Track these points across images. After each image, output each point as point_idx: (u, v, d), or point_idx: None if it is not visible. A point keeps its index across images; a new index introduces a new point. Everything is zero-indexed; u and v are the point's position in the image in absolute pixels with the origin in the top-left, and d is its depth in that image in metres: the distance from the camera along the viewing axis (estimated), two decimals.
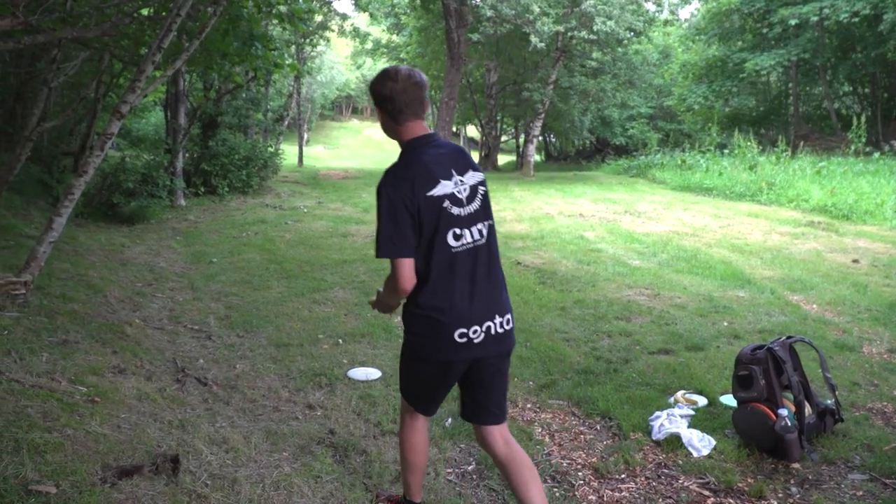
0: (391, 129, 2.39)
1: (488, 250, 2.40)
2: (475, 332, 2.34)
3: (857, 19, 24.90)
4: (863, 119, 18.89)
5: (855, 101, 32.25)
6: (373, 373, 4.45)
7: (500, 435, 2.56)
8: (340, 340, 5.11)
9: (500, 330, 2.41)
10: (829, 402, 3.68)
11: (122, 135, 17.50)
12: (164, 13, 6.54)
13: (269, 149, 16.90)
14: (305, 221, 11.15)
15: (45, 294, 5.12)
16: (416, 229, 2.23)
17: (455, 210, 2.29)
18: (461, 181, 2.34)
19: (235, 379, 4.24)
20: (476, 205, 2.36)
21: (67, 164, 11.62)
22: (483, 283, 2.37)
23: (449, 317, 2.31)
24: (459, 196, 2.31)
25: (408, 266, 2.23)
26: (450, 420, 3.74)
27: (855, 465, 3.32)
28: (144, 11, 7.59)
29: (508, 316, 2.47)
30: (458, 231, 2.29)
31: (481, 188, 2.41)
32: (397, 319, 5.66)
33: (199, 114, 13.60)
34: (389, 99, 2.28)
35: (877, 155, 17.74)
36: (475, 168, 2.43)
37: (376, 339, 5.15)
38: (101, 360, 4.00)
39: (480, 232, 2.36)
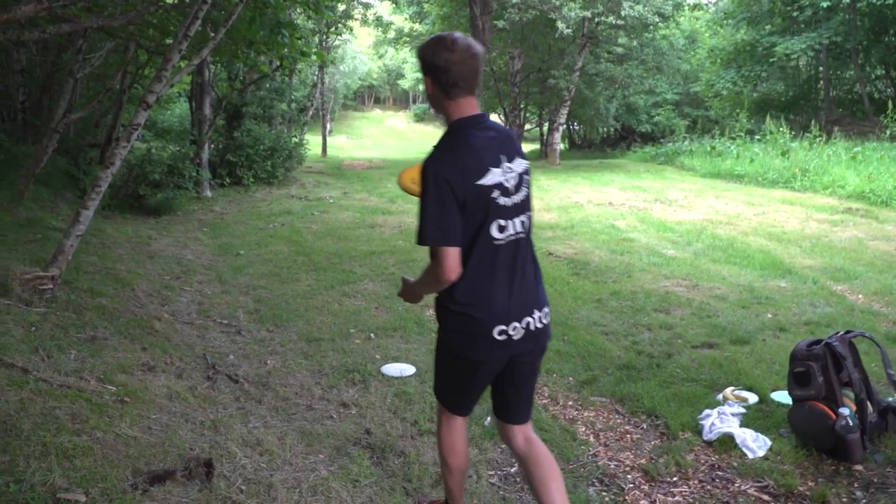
0: (439, 104, 2.18)
1: (528, 242, 2.26)
2: (514, 328, 2.20)
3: (890, 1, 24.22)
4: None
5: (888, 85, 31.45)
6: (407, 369, 4.32)
7: (520, 432, 2.44)
8: (372, 335, 4.99)
9: (538, 325, 2.28)
10: (890, 399, 3.49)
11: (147, 126, 17.50)
12: (189, 1, 6.43)
13: (294, 139, 16.82)
14: (332, 212, 11.05)
15: (73, 288, 5.05)
16: (462, 216, 2.06)
17: (502, 200, 2.12)
18: (509, 168, 2.16)
19: (267, 376, 4.13)
20: (521, 195, 2.20)
21: (94, 156, 11.60)
22: (522, 276, 2.23)
23: (488, 313, 2.16)
24: (507, 185, 2.13)
25: (454, 256, 2.05)
26: (489, 419, 3.59)
27: None
28: (170, 0, 7.50)
29: (546, 309, 2.34)
30: (502, 222, 2.13)
31: (526, 177, 2.24)
32: (430, 312, 5.54)
33: (224, 104, 13.54)
34: (444, 70, 2.07)
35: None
36: (522, 155, 2.25)
37: (409, 334, 5.03)
38: (130, 358, 3.90)
39: (523, 223, 2.21)
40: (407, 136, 53.87)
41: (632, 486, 3.04)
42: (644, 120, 31.53)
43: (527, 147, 36.52)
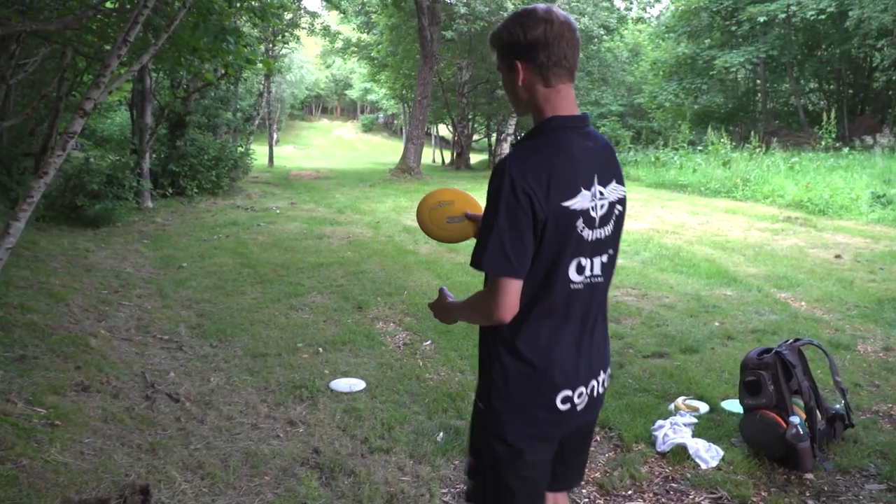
0: (531, 95, 1.66)
1: (605, 289, 1.77)
2: (580, 395, 1.73)
3: (823, 17, 25.22)
4: (832, 115, 19.06)
5: (821, 98, 32.70)
6: (357, 384, 4.21)
7: (553, 499, 1.99)
8: (321, 349, 4.85)
9: (601, 390, 1.84)
10: (837, 406, 3.53)
11: (86, 135, 16.96)
12: (129, 6, 6.22)
13: (240, 149, 16.53)
14: (278, 223, 10.84)
15: (2, 304, 4.78)
16: (535, 240, 1.56)
17: (586, 233, 1.64)
18: (601, 194, 1.67)
19: (210, 394, 3.96)
20: (608, 229, 1.71)
21: (28, 166, 11.14)
22: (593, 330, 1.76)
23: (553, 374, 1.68)
24: (593, 214, 1.65)
25: (516, 291, 1.56)
26: (441, 434, 3.51)
27: (871, 474, 3.16)
28: (109, 4, 7.24)
29: (610, 370, 1.91)
30: (583, 261, 1.65)
31: (618, 208, 1.74)
32: (380, 324, 5.44)
33: (166, 113, 13.19)
34: (543, 45, 1.60)
35: (846, 150, 17.89)
36: (620, 179, 1.76)
37: (358, 347, 4.91)
38: (62, 377, 3.70)
39: (603, 265, 1.72)
40: (355, 147, 53.65)
41: (587, 500, 2.99)
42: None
43: (475, 158, 36.78)
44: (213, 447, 3.25)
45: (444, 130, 43.89)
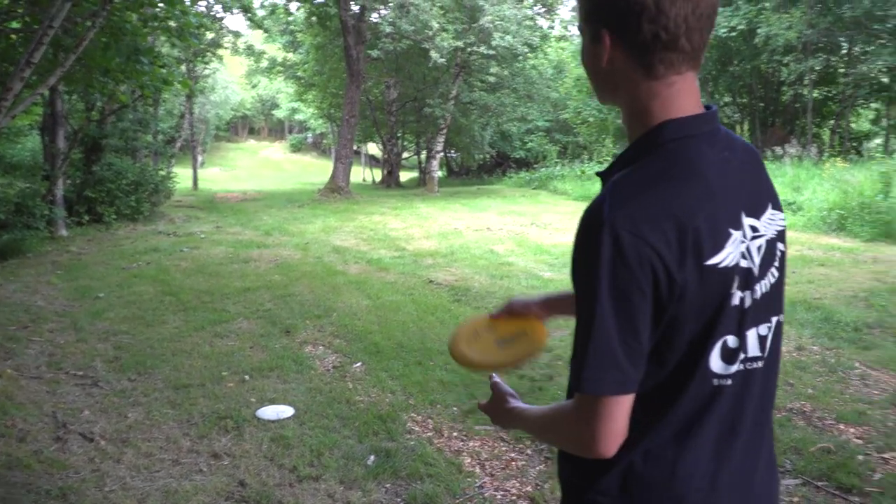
0: (621, 83, 1.08)
1: (767, 376, 1.11)
2: None
3: (734, 33, 26.44)
4: (745, 127, 19.89)
5: (735, 111, 34.17)
6: (285, 410, 4.08)
7: None
8: (247, 377, 4.70)
9: None
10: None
11: None
12: (35, 25, 5.95)
13: (161, 172, 16.06)
14: (203, 248, 10.53)
15: None
16: (660, 328, 0.99)
17: (740, 297, 1.03)
18: (754, 231, 1.06)
19: (127, 430, 3.77)
20: (770, 281, 1.09)
21: None
22: (753, 447, 1.12)
23: None
24: (749, 265, 1.04)
25: (625, 410, 1.00)
26: (372, 457, 3.43)
27: (787, 470, 3.27)
28: (15, 24, 6.93)
29: None
30: (732, 341, 1.04)
31: (780, 248, 1.13)
32: (309, 348, 5.31)
33: (80, 137, 12.69)
34: (651, 11, 0.98)
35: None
36: (777, 201, 1.16)
37: (286, 373, 4.77)
38: None
39: (763, 339, 1.09)
40: (283, 167, 52.97)
41: None
42: (518, 146, 32.52)
43: (405, 175, 36.83)
44: (130, 487, 3.08)
45: (373, 149, 43.84)
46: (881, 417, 3.83)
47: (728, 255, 1.00)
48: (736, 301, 1.03)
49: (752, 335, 1.07)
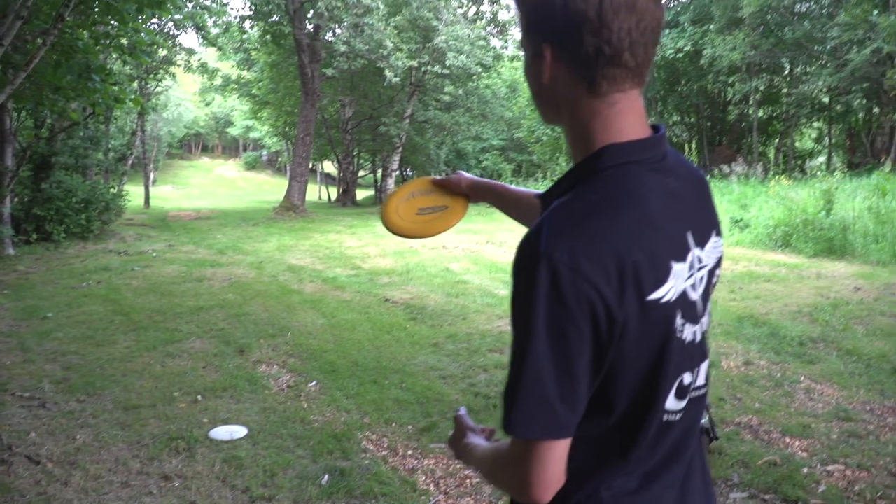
0: (567, 105, 1.01)
1: (703, 403, 1.12)
2: None
3: (681, 55, 27.25)
4: (693, 146, 20.46)
5: (684, 130, 35.09)
6: (238, 431, 4.06)
7: None
8: (199, 397, 4.66)
9: None
10: (703, 420, 3.74)
11: None
12: None
13: (112, 190, 15.77)
14: (155, 267, 10.37)
15: None
16: (601, 370, 0.93)
17: (687, 332, 1.00)
18: (699, 262, 1.03)
19: (75, 453, 3.71)
20: (707, 308, 1.08)
21: None
22: (690, 471, 1.10)
23: None
24: (693, 297, 1.01)
25: (560, 456, 0.93)
26: (326, 477, 3.44)
27: (734, 483, 3.36)
28: None
29: None
30: (688, 377, 1.03)
31: (716, 273, 1.12)
32: (263, 367, 5.29)
33: (29, 154, 12.41)
34: (593, 24, 0.93)
35: (707, 178, 19.16)
36: (718, 226, 1.12)
37: (240, 392, 4.75)
38: None
39: (705, 367, 1.09)
40: (238, 185, 52.41)
41: None
42: (473, 164, 32.82)
43: (362, 193, 36.76)
44: None
45: (329, 167, 43.70)
46: (825, 430, 3.95)
47: (670, 290, 0.94)
48: (684, 335, 0.98)
49: (701, 369, 1.06)
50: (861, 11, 17.37)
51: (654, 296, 0.92)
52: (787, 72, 28.43)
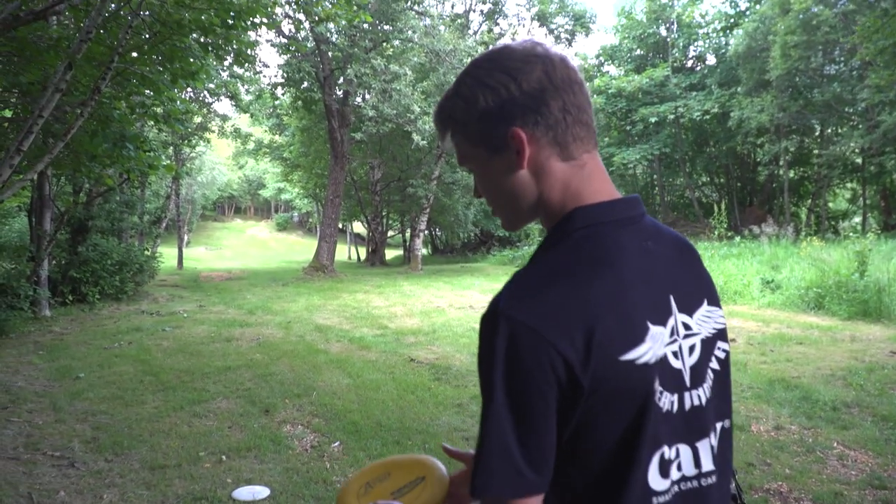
0: (538, 180, 1.03)
1: (721, 489, 1.03)
2: None
3: (708, 117, 27.49)
4: (723, 206, 20.46)
5: (713, 190, 35.08)
6: (260, 491, 4.08)
7: None
8: (224, 457, 4.70)
9: None
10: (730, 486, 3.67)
11: None
12: (26, 115, 6.17)
13: (146, 252, 16.16)
14: (185, 327, 10.54)
15: None
16: (569, 431, 0.91)
17: (666, 400, 0.96)
18: (687, 329, 1.01)
19: None
20: (709, 386, 1.03)
21: None
22: None
23: None
24: (676, 365, 0.98)
25: None
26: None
27: None
28: (6, 112, 7.16)
29: None
30: (669, 453, 0.96)
31: (720, 349, 1.07)
32: (287, 427, 5.32)
33: (67, 218, 12.85)
34: (552, 92, 1.00)
35: (738, 239, 19.10)
36: (714, 297, 1.10)
37: (264, 453, 4.78)
38: None
39: (713, 452, 1.01)
40: (269, 246, 53.22)
41: None
42: (501, 225, 32.97)
43: (391, 253, 37.06)
44: None
45: (358, 227, 44.27)
46: (858, 498, 3.84)
47: (648, 351, 0.92)
48: (665, 405, 0.94)
49: (699, 448, 0.99)
50: (890, 73, 17.42)
51: (628, 356, 0.90)
52: (817, 133, 28.41)
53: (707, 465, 0.99)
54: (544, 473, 0.90)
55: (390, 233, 37.26)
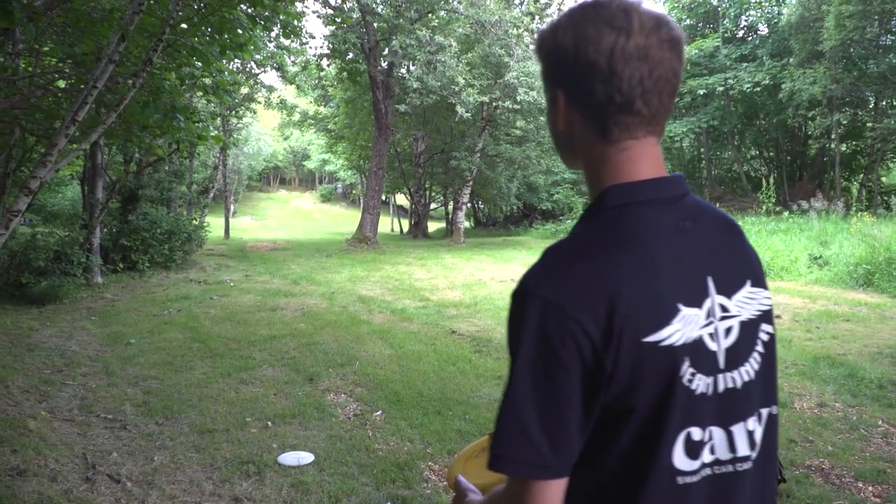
0: (582, 148, 1.04)
1: (762, 477, 1.01)
2: None
3: (758, 89, 26.69)
4: (771, 180, 19.95)
5: (762, 164, 34.18)
6: (305, 457, 4.17)
7: None
8: (269, 423, 4.81)
9: None
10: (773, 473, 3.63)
11: (35, 210, 16.76)
12: (81, 85, 6.30)
13: (194, 222, 16.48)
14: (232, 296, 10.76)
15: None
16: (593, 413, 0.91)
17: (700, 383, 0.94)
18: (723, 310, 0.98)
19: (153, 473, 3.89)
20: (750, 369, 1.00)
21: None
22: None
23: None
24: (712, 347, 0.96)
25: (553, 496, 0.90)
26: None
27: None
28: (61, 83, 7.31)
29: None
30: (697, 434, 0.94)
31: (764, 331, 1.03)
32: (331, 396, 5.42)
33: (118, 187, 13.16)
34: (604, 72, 0.95)
35: (786, 214, 18.64)
36: (759, 279, 1.06)
37: (308, 420, 4.87)
38: None
39: (751, 437, 0.99)
40: (313, 217, 53.77)
41: None
42: (544, 198, 32.75)
43: (433, 226, 37.13)
44: None
45: (401, 199, 44.41)
46: None
47: (675, 333, 0.91)
48: (694, 386, 0.93)
49: (736, 432, 0.97)
50: None
51: (652, 338, 0.89)
52: (871, 105, 27.41)
53: (743, 449, 0.98)
54: (562, 454, 0.89)
55: (433, 205, 37.29)
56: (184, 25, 6.54)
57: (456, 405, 5.14)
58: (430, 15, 20.39)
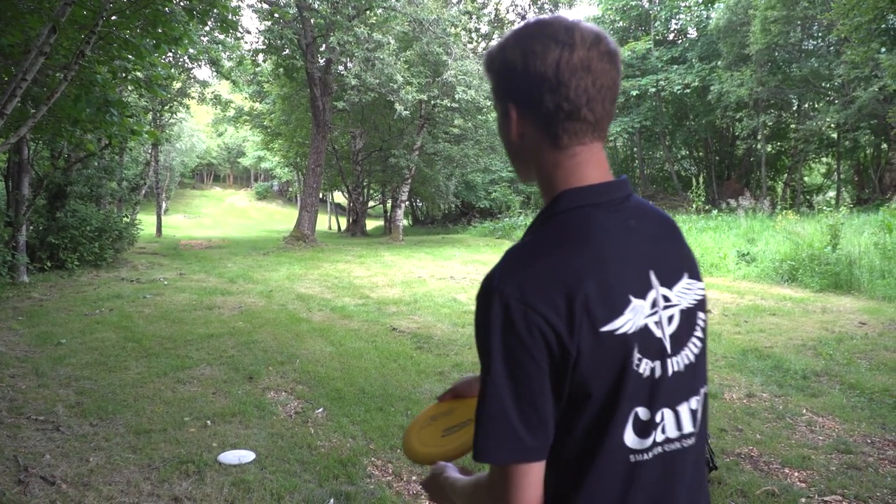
0: (532, 157, 1.11)
1: (699, 454, 1.12)
2: None
3: (688, 90, 27.58)
4: (701, 180, 20.66)
5: (692, 164, 35.33)
6: (246, 455, 4.15)
7: None
8: (209, 422, 4.75)
9: None
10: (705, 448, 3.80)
11: None
12: (6, 77, 6.08)
13: (125, 219, 16.02)
14: (166, 294, 10.52)
15: None
16: (562, 399, 1.00)
17: (647, 367, 1.03)
18: (665, 300, 1.08)
19: (88, 474, 3.80)
20: (690, 353, 1.10)
21: None
22: None
23: None
24: (657, 334, 1.05)
25: (536, 479, 0.99)
26: (332, 501, 3.52)
27: None
28: None
29: None
30: (645, 414, 1.03)
31: (700, 319, 1.14)
32: (271, 394, 5.39)
33: (45, 183, 12.68)
34: (552, 84, 1.03)
35: (715, 212, 19.33)
36: (695, 271, 1.16)
37: (248, 418, 4.84)
38: None
39: (693, 415, 1.10)
40: (249, 215, 52.84)
41: None
42: (482, 196, 33.06)
43: (371, 224, 36.99)
44: None
45: (339, 197, 44.06)
46: (825, 462, 4.00)
47: (627, 322, 1.00)
48: (643, 370, 1.02)
49: (680, 413, 1.06)
50: (865, 50, 17.61)
51: (608, 327, 0.98)
52: (794, 108, 28.65)
53: (688, 427, 1.07)
54: (541, 439, 0.97)
55: (371, 203, 37.15)
56: (115, 17, 6.38)
57: (398, 401, 5.19)
58: (367, 12, 20.31)
